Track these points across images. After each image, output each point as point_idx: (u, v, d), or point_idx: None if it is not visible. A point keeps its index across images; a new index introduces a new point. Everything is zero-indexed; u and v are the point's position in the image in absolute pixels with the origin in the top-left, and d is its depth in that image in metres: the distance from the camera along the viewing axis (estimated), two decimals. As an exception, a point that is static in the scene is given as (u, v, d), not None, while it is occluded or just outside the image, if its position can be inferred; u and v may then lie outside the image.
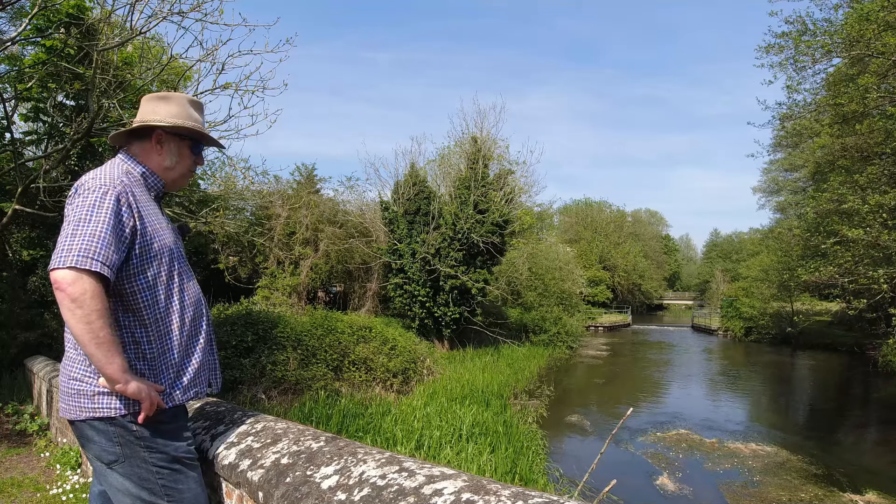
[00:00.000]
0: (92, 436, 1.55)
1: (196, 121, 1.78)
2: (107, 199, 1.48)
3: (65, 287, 1.36)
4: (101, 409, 1.51)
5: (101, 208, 1.46)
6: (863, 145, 13.91)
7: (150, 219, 1.60)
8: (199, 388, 1.72)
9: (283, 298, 16.79)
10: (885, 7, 11.70)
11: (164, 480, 1.57)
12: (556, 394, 14.21)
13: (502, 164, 17.85)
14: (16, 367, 7.84)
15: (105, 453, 1.55)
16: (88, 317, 1.37)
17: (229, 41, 11.09)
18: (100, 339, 1.39)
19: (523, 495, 1.06)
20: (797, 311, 29.52)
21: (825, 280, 15.17)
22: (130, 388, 1.46)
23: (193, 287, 1.74)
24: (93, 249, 1.39)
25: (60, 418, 5.25)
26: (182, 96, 1.78)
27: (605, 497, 2.72)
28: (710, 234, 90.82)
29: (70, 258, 1.37)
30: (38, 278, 8.39)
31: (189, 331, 1.68)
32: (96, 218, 1.44)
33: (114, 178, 1.55)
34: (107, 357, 1.41)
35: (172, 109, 1.73)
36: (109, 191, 1.50)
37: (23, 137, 8.50)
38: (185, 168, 1.80)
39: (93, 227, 1.43)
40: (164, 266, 1.62)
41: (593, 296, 38.89)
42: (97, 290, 1.38)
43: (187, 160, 1.79)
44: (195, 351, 1.71)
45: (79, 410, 1.54)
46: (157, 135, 1.72)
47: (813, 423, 13.00)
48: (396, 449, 7.25)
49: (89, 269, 1.37)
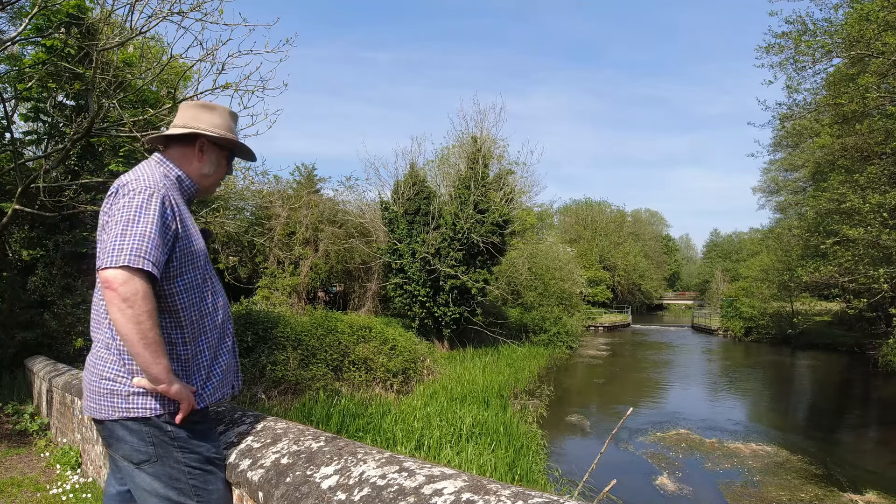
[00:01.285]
0: (123, 436, 1.55)
1: (234, 133, 1.83)
2: (153, 201, 1.50)
3: (116, 286, 1.37)
4: (136, 409, 1.52)
5: (148, 209, 1.48)
6: (863, 145, 13.91)
7: (187, 222, 1.63)
8: (225, 390, 1.75)
9: (282, 298, 16.80)
10: (885, 7, 11.71)
11: (195, 480, 1.59)
12: (556, 394, 14.21)
13: (502, 164, 17.86)
14: (16, 367, 7.84)
15: (136, 453, 1.55)
16: (139, 317, 1.38)
17: (229, 41, 11.10)
18: (148, 340, 1.40)
19: (523, 495, 1.06)
20: (797, 312, 29.50)
21: (825, 280, 15.19)
22: (174, 388, 1.48)
23: (220, 290, 1.78)
24: (144, 249, 1.41)
25: (61, 419, 5.25)
26: (224, 108, 1.84)
27: (605, 497, 2.72)
28: (710, 234, 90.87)
29: (122, 257, 1.38)
30: (37, 278, 8.39)
31: (220, 333, 1.71)
32: (145, 219, 1.46)
33: (156, 180, 1.58)
34: (154, 357, 1.42)
35: (216, 120, 1.78)
36: (155, 193, 1.52)
37: (23, 137, 8.50)
38: (220, 177, 1.86)
39: (142, 227, 1.44)
40: (199, 269, 1.65)
41: (593, 296, 38.90)
42: (148, 291, 1.40)
43: (223, 170, 1.86)
44: (223, 353, 1.74)
45: (111, 410, 1.53)
46: (200, 142, 1.76)
47: (813, 423, 13.00)
48: (396, 449, 7.25)
49: (141, 269, 1.39)
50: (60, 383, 4.97)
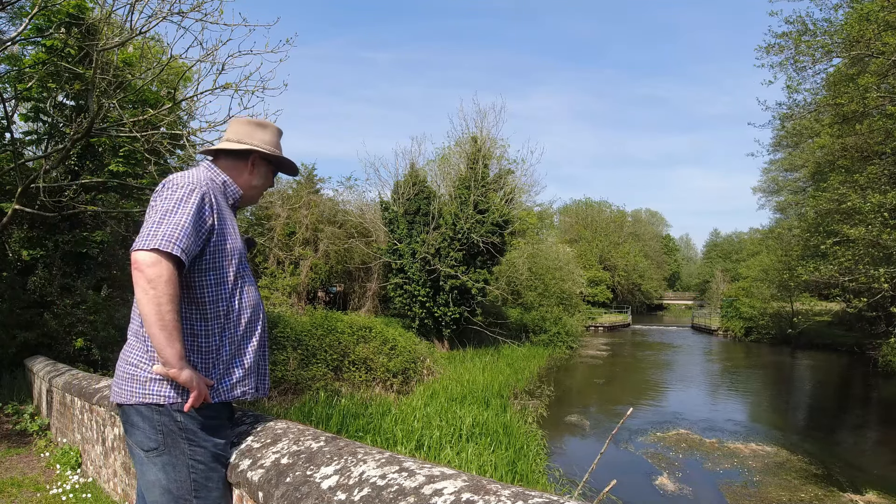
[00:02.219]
0: (137, 421, 1.61)
1: (280, 149, 1.97)
2: (193, 196, 1.60)
3: (143, 268, 1.46)
4: (151, 395, 1.58)
5: (186, 202, 1.58)
6: (863, 145, 13.90)
7: (226, 222, 1.73)
8: (246, 389, 1.76)
9: (283, 298, 16.81)
10: (885, 7, 11.70)
11: (197, 475, 1.62)
12: (556, 394, 14.21)
13: (502, 164, 17.87)
14: (16, 367, 7.84)
15: (147, 440, 1.60)
16: (159, 299, 1.45)
17: (229, 41, 11.10)
18: (164, 322, 1.46)
19: (523, 495, 1.06)
20: (797, 312, 29.50)
21: (825, 280, 15.17)
22: (184, 374, 1.52)
23: (254, 292, 1.83)
24: (176, 236, 1.50)
25: (61, 418, 5.25)
26: (275, 126, 1.97)
27: (605, 497, 2.72)
28: (710, 234, 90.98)
29: (155, 241, 1.47)
30: (37, 278, 8.39)
31: (244, 332, 1.75)
32: (182, 210, 1.56)
33: (200, 178, 1.69)
34: (168, 340, 1.48)
35: (268, 137, 1.92)
36: (196, 189, 1.63)
37: (23, 137, 8.50)
38: (264, 189, 1.99)
39: (178, 217, 1.54)
40: (232, 266, 1.72)
41: (593, 296, 38.90)
42: (172, 276, 1.47)
43: (269, 183, 2.00)
44: (247, 352, 1.76)
45: (129, 394, 1.60)
46: (253, 157, 1.89)
47: (813, 423, 13.00)
48: (396, 449, 7.25)
49: (170, 253, 1.47)
50: (60, 383, 4.97)
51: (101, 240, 8.79)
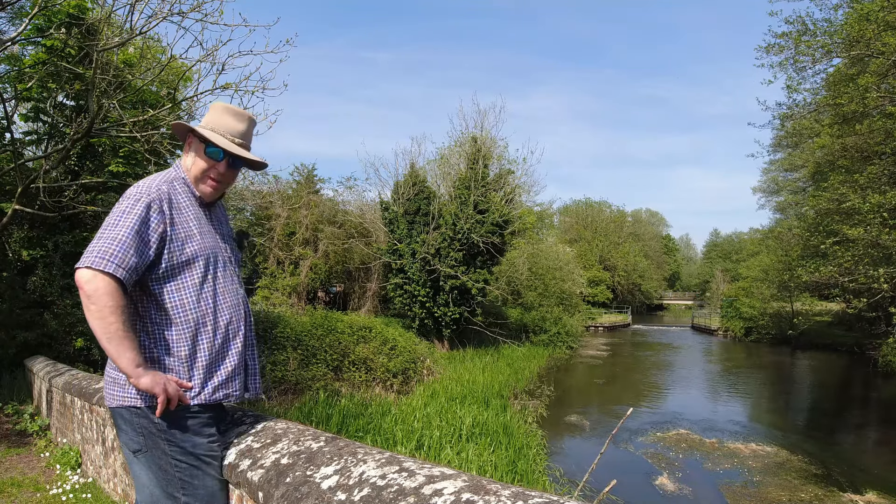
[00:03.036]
0: (121, 424, 1.66)
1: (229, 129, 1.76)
2: (137, 206, 1.58)
3: (82, 284, 1.48)
4: (129, 397, 1.61)
5: (129, 214, 1.56)
6: (863, 145, 13.90)
7: (185, 225, 1.68)
8: (230, 392, 1.74)
9: (282, 298, 16.81)
10: (885, 7, 11.70)
11: (182, 473, 1.64)
12: (556, 394, 14.21)
13: (502, 164, 17.86)
14: (16, 367, 7.83)
15: (131, 442, 1.65)
16: (101, 312, 1.46)
17: (229, 41, 11.08)
18: (110, 333, 1.47)
19: (523, 495, 1.06)
20: (797, 312, 29.50)
21: (825, 280, 15.17)
22: (143, 381, 1.52)
23: (233, 292, 1.79)
24: (110, 252, 1.49)
25: (60, 418, 5.25)
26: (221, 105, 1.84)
27: (605, 497, 2.72)
28: (710, 234, 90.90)
29: (89, 259, 1.48)
30: (37, 278, 8.39)
31: (224, 335, 1.73)
32: (122, 223, 1.55)
33: (150, 187, 1.65)
34: (118, 351, 1.49)
35: (208, 116, 1.80)
36: (142, 198, 1.60)
37: (23, 137, 8.50)
38: (199, 170, 1.76)
39: (116, 231, 1.53)
40: (196, 270, 1.68)
41: (593, 296, 38.90)
42: (110, 288, 1.47)
43: (201, 162, 1.75)
44: (230, 354, 1.75)
45: (111, 398, 1.65)
46: (188, 137, 1.80)
47: (813, 423, 13.00)
48: (396, 449, 7.25)
49: (102, 270, 1.47)
50: (60, 383, 4.97)
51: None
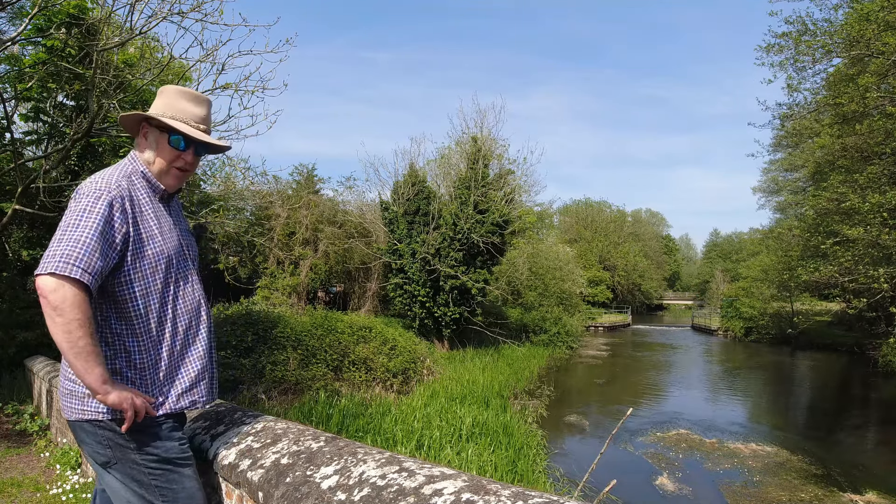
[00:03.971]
0: (84, 437, 1.55)
1: (188, 114, 1.64)
2: (99, 205, 1.44)
3: (46, 294, 1.33)
4: (90, 411, 1.50)
5: (91, 214, 1.42)
6: (863, 145, 13.89)
7: (146, 224, 1.56)
8: (196, 398, 1.67)
9: (283, 298, 16.80)
10: (885, 7, 11.70)
11: (157, 481, 1.57)
12: (556, 394, 14.21)
13: (502, 164, 17.85)
14: (16, 367, 7.84)
15: (97, 455, 1.55)
16: (68, 325, 1.33)
17: (229, 41, 11.10)
18: (78, 349, 1.35)
19: (523, 495, 1.06)
20: (797, 312, 29.51)
21: (825, 280, 15.17)
22: (110, 398, 1.42)
23: (192, 293, 1.68)
24: (75, 255, 1.35)
25: (60, 418, 5.25)
26: (174, 88, 1.69)
27: (605, 497, 2.72)
28: (710, 234, 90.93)
29: (52, 264, 1.33)
30: (38, 278, 8.38)
31: (183, 340, 1.64)
32: (84, 223, 1.40)
33: (110, 182, 1.51)
34: (85, 367, 1.37)
35: (160, 101, 1.65)
36: (103, 196, 1.46)
37: (23, 137, 8.49)
38: (166, 162, 1.64)
39: (79, 233, 1.39)
40: (158, 274, 1.57)
41: (593, 296, 38.90)
42: (78, 299, 1.34)
43: (166, 154, 1.64)
44: (192, 360, 1.66)
45: (70, 411, 1.54)
46: (141, 127, 1.65)
47: (813, 423, 13.00)
48: (396, 449, 7.24)
49: (69, 276, 1.33)
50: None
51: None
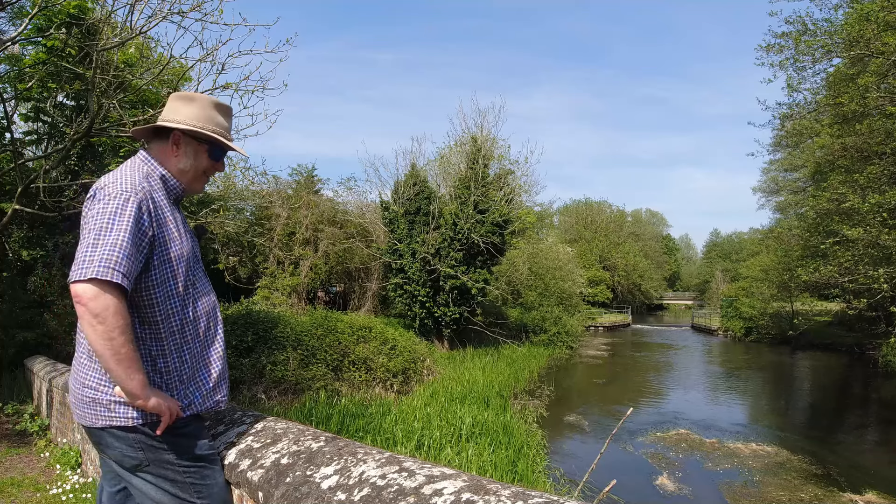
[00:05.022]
0: (111, 442, 1.52)
1: (219, 125, 1.70)
2: (129, 207, 1.42)
3: (86, 301, 1.30)
4: (119, 418, 1.48)
5: (122, 216, 1.40)
6: (863, 145, 13.90)
7: (168, 226, 1.55)
8: (219, 398, 1.69)
9: (283, 298, 16.80)
10: (884, 7, 11.71)
11: (192, 478, 1.57)
12: (556, 394, 14.21)
13: (502, 164, 17.87)
14: (16, 367, 7.84)
15: (127, 459, 1.52)
16: (110, 333, 1.32)
17: (229, 41, 11.10)
18: (121, 356, 1.34)
19: (523, 495, 1.06)
20: (797, 312, 29.51)
21: (825, 280, 15.18)
22: (151, 403, 1.43)
23: (208, 295, 1.70)
24: (114, 260, 1.33)
25: (61, 419, 5.25)
26: (206, 98, 1.71)
27: (605, 497, 2.72)
28: (710, 234, 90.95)
29: (91, 269, 1.31)
30: (37, 278, 8.39)
31: (203, 341, 1.65)
32: (118, 226, 1.38)
33: (135, 183, 1.50)
34: (127, 373, 1.37)
35: (193, 111, 1.66)
36: (131, 198, 1.44)
37: (23, 137, 8.50)
38: (199, 172, 1.71)
39: (114, 236, 1.36)
40: (180, 276, 1.57)
41: (593, 296, 38.90)
42: (120, 306, 1.33)
43: (204, 165, 1.71)
44: (214, 360, 1.68)
45: (94, 418, 1.50)
46: (174, 136, 1.66)
47: (813, 423, 13.00)
48: (396, 449, 7.25)
49: (110, 281, 1.31)
50: (60, 383, 4.97)
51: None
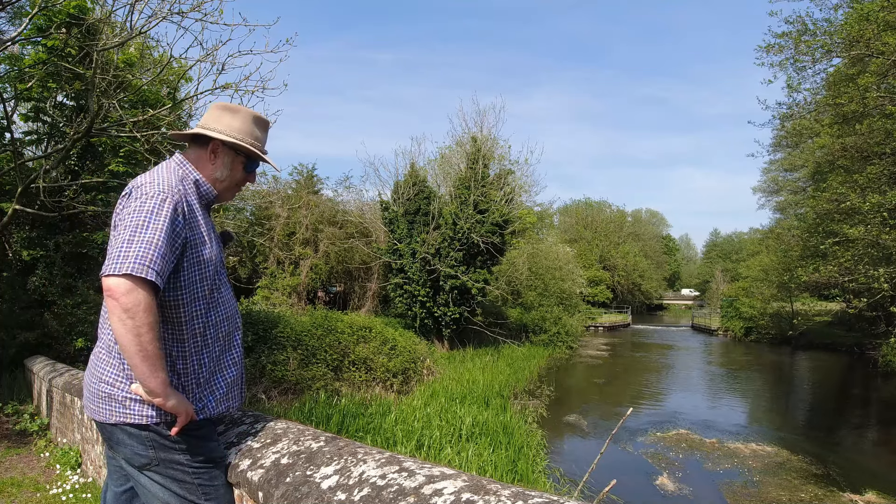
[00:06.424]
0: (123, 439, 1.52)
1: (257, 139, 1.75)
2: (165, 207, 1.45)
3: (118, 296, 1.32)
4: (134, 415, 1.49)
5: (159, 216, 1.42)
6: (863, 145, 13.89)
7: (199, 230, 1.58)
8: (231, 404, 1.70)
9: (283, 298, 16.80)
10: (884, 7, 11.71)
11: (201, 479, 1.57)
12: (556, 394, 14.21)
13: (502, 163, 17.87)
14: (16, 367, 7.84)
15: (137, 457, 1.53)
16: (139, 329, 1.33)
17: (229, 41, 11.10)
18: (147, 353, 1.36)
19: (523, 495, 1.06)
20: (797, 312, 29.50)
21: (825, 280, 15.18)
22: (170, 403, 1.44)
23: (230, 299, 1.72)
24: (150, 257, 1.35)
25: (61, 419, 5.25)
26: (249, 112, 1.75)
27: (605, 497, 2.72)
28: (710, 234, 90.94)
29: (126, 265, 1.33)
30: (37, 278, 8.39)
31: (223, 345, 1.66)
32: (154, 225, 1.40)
33: (172, 184, 1.52)
34: (152, 371, 1.38)
35: (235, 123, 1.70)
36: (168, 198, 1.47)
37: (23, 137, 8.50)
38: (233, 183, 1.76)
39: (150, 234, 1.38)
40: (206, 279, 1.59)
41: (593, 296, 38.90)
42: (150, 303, 1.35)
43: (238, 176, 1.76)
44: (229, 365, 1.68)
45: (108, 414, 1.51)
46: (213, 144, 1.69)
47: (813, 423, 13.00)
48: (396, 449, 7.25)
49: (144, 278, 1.33)
50: (60, 383, 4.97)
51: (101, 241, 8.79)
